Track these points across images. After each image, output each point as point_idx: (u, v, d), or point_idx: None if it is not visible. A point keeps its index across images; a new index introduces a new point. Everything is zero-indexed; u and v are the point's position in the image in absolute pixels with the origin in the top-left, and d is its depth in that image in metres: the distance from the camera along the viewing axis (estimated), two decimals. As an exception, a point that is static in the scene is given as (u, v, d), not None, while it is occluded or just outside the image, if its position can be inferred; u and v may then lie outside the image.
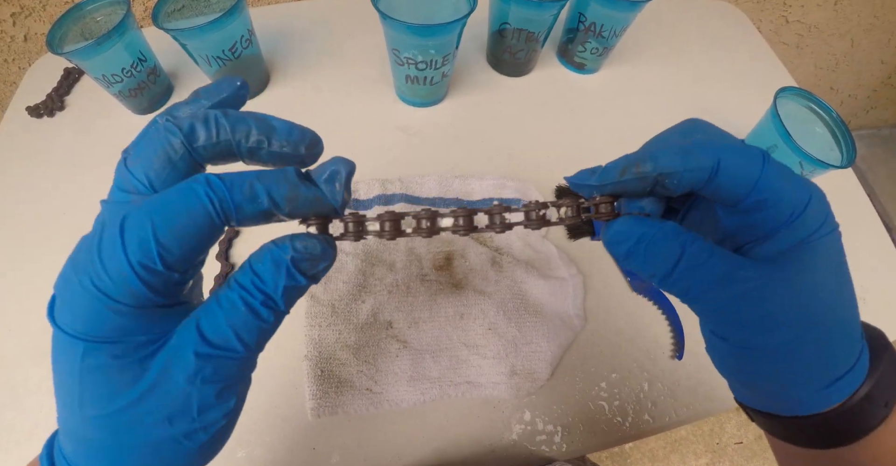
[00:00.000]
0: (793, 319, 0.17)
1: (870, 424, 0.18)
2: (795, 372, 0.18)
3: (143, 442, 0.16)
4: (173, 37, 0.43)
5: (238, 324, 0.16)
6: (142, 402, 0.15)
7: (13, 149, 0.51)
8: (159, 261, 0.14)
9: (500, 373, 0.35)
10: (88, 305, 0.15)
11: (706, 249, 0.17)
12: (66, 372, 0.16)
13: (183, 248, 0.15)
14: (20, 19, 0.64)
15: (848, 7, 0.90)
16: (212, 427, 0.16)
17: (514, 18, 0.48)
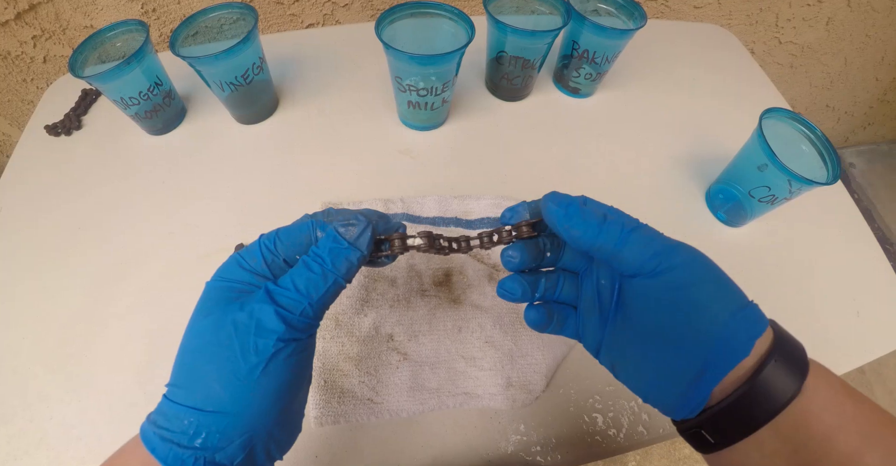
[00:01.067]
0: (682, 251, 0.22)
1: (800, 372, 0.20)
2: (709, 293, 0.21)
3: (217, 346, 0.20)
4: (189, 63, 0.45)
5: (296, 274, 0.22)
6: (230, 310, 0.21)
7: (32, 165, 0.53)
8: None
9: (497, 385, 0.37)
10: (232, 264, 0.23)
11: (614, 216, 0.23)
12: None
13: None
14: (40, 42, 0.67)
15: (840, 27, 0.92)
16: (263, 352, 0.20)
17: (510, 47, 0.50)
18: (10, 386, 0.39)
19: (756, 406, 0.20)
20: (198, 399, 0.20)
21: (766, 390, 0.20)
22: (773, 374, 0.20)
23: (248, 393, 0.20)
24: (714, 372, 0.20)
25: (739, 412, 0.20)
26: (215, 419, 0.19)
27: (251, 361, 0.20)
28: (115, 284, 0.44)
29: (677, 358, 0.21)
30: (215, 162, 0.52)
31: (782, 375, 0.20)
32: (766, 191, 0.44)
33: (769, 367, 0.20)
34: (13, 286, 0.44)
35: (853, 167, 1.34)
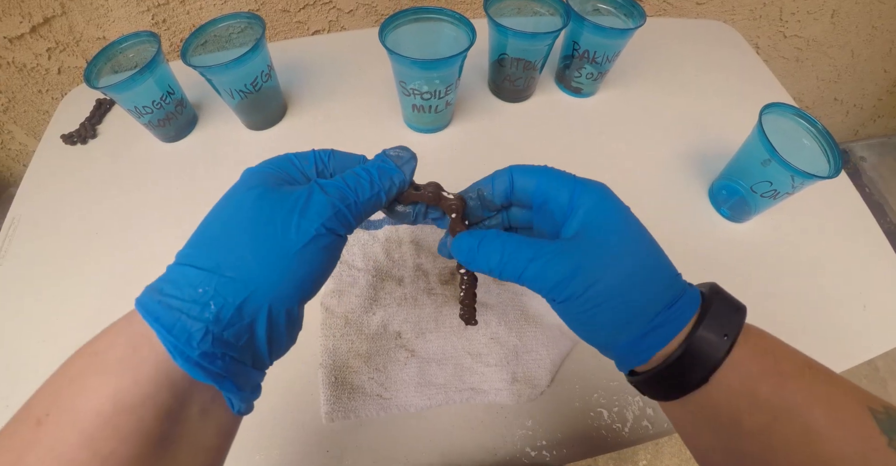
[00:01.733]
0: (589, 272, 0.21)
1: (710, 362, 0.21)
2: (607, 319, 0.22)
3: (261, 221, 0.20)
4: (200, 73, 0.47)
5: (346, 176, 0.23)
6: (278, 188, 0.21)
7: (49, 174, 0.55)
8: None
9: (502, 380, 0.38)
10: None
11: (517, 240, 0.23)
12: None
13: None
14: (55, 54, 0.69)
15: (845, 19, 0.91)
16: (304, 235, 0.20)
17: (511, 49, 0.51)
18: (29, 387, 0.40)
19: (658, 391, 0.23)
20: (220, 261, 0.18)
21: (672, 375, 0.21)
22: (686, 360, 0.21)
23: (279, 267, 0.19)
24: (622, 365, 0.24)
25: (654, 384, 0.22)
26: (234, 287, 0.18)
27: (290, 238, 0.19)
28: (129, 289, 0.44)
29: (600, 346, 0.24)
30: (227, 167, 0.54)
31: (699, 356, 0.21)
32: (768, 186, 0.44)
33: (681, 357, 0.21)
34: (31, 291, 0.46)
35: (864, 160, 1.33)
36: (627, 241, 0.22)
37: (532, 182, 0.25)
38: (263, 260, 0.19)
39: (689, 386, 0.21)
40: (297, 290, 0.20)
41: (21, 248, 0.49)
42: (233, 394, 0.19)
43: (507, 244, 0.23)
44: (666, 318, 0.21)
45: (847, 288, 0.46)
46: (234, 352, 0.18)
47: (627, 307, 0.21)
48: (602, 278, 0.21)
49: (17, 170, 0.89)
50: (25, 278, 0.47)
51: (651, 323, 0.21)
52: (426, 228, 0.44)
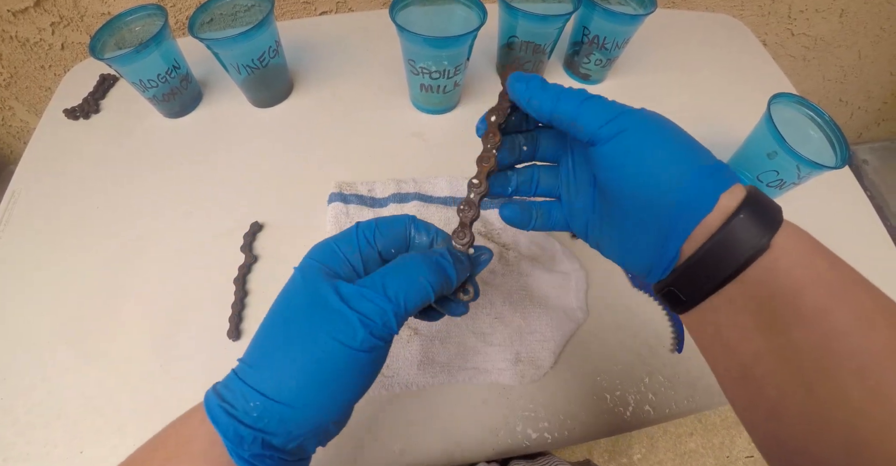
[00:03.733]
0: (642, 112, 0.22)
1: (769, 230, 0.20)
2: (674, 151, 0.21)
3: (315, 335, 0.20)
4: (207, 46, 0.46)
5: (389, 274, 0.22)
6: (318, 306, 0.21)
7: (51, 148, 0.55)
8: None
9: (506, 360, 0.37)
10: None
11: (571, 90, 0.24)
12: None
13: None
14: (59, 29, 0.69)
15: (853, 19, 0.91)
16: (365, 343, 0.20)
17: (521, 32, 0.51)
18: (30, 359, 0.40)
19: (722, 261, 0.20)
20: (267, 386, 0.19)
21: (731, 244, 0.20)
22: (740, 229, 0.20)
23: (317, 393, 0.19)
24: (680, 229, 0.21)
25: (706, 267, 0.20)
26: (280, 409, 0.19)
27: (324, 366, 0.19)
28: (131, 262, 0.45)
29: (647, 222, 0.22)
30: (231, 144, 0.53)
31: (750, 230, 0.20)
32: (774, 176, 0.44)
33: (735, 222, 0.20)
34: (34, 264, 0.46)
35: (866, 164, 1.33)
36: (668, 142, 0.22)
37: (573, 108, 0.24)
38: (304, 387, 0.19)
39: (748, 257, 0.19)
40: (339, 408, 0.21)
41: (21, 222, 0.49)
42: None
43: (562, 88, 0.24)
44: (722, 167, 0.21)
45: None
46: (282, 455, 0.20)
47: (689, 148, 0.22)
48: (658, 119, 0.22)
49: (17, 147, 0.88)
50: (25, 251, 0.46)
51: (713, 167, 0.21)
52: (431, 207, 0.44)
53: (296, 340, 0.20)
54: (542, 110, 0.23)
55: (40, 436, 0.37)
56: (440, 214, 0.43)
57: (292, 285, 0.22)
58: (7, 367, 0.40)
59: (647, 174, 0.21)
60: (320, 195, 0.47)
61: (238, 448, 0.19)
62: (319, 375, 0.19)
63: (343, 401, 0.20)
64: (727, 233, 0.20)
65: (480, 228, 0.43)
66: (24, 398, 0.39)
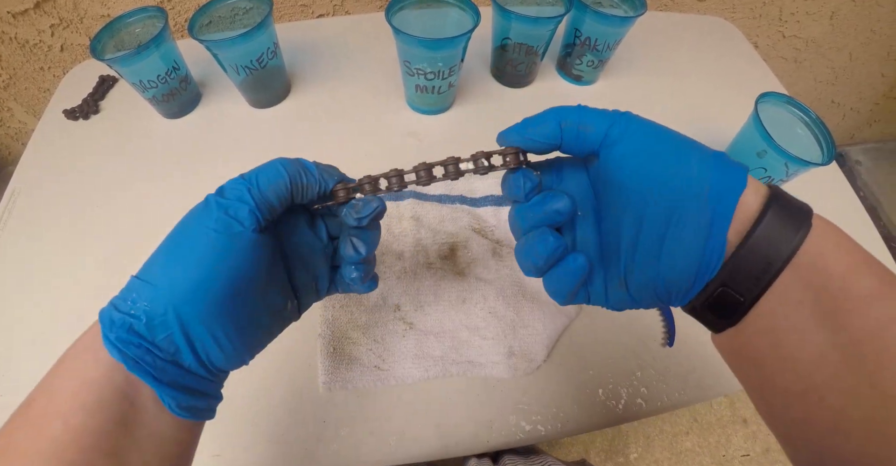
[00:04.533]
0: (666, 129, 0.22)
1: (805, 208, 0.20)
2: (689, 147, 0.21)
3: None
4: (207, 47, 0.47)
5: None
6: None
7: (50, 148, 0.55)
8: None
9: (499, 354, 0.38)
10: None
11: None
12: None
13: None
14: (58, 30, 0.69)
15: (844, 22, 0.92)
16: (220, 221, 0.21)
17: (514, 34, 0.52)
18: (29, 357, 0.41)
19: (774, 243, 0.19)
20: (145, 273, 0.21)
21: (777, 229, 0.19)
22: (781, 214, 0.19)
23: (176, 270, 0.20)
24: (721, 211, 0.19)
25: (759, 253, 0.19)
26: (150, 291, 0.20)
27: (188, 245, 0.21)
28: (130, 262, 0.45)
29: (682, 217, 0.20)
30: (229, 144, 0.54)
31: (789, 216, 0.19)
32: (762, 173, 0.45)
33: (774, 207, 0.19)
34: (33, 264, 0.46)
35: (859, 164, 1.34)
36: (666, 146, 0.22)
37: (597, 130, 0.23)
38: (167, 266, 0.21)
39: (795, 237, 0.19)
40: (204, 292, 0.20)
41: (20, 221, 0.49)
42: (157, 388, 0.20)
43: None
44: (722, 155, 0.21)
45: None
46: (156, 349, 0.20)
47: (689, 138, 0.22)
48: (651, 126, 0.22)
49: (15, 148, 0.88)
50: (24, 251, 0.47)
51: (720, 152, 0.21)
52: (427, 204, 0.45)
53: (174, 233, 0.22)
54: (548, 134, 0.23)
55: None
56: (435, 212, 0.44)
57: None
58: (6, 364, 0.41)
59: (671, 164, 0.21)
60: (317, 193, 0.48)
61: (108, 330, 0.20)
62: (181, 252, 0.21)
63: (208, 287, 0.20)
64: (772, 212, 0.19)
65: (474, 224, 0.44)
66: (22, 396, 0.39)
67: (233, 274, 0.21)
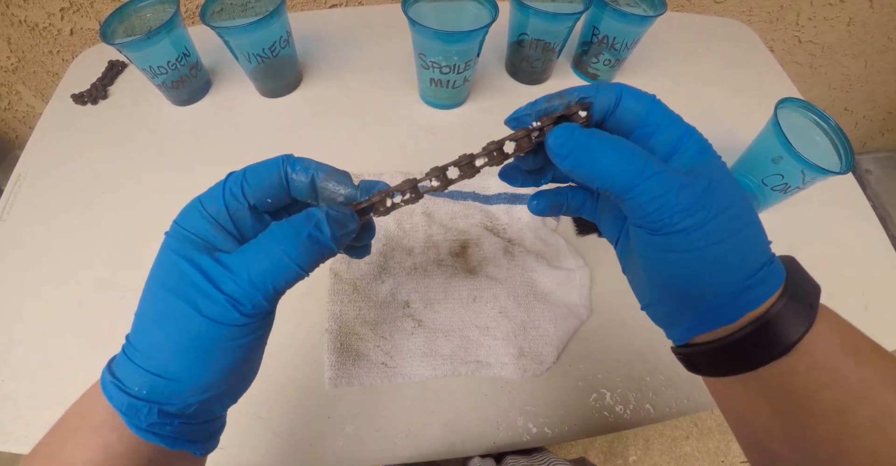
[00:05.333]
0: (707, 205, 0.19)
1: (795, 332, 0.19)
2: (716, 261, 0.19)
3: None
4: (219, 34, 0.46)
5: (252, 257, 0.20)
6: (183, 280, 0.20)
7: (57, 132, 0.55)
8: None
9: (509, 354, 0.37)
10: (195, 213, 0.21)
11: (635, 147, 0.20)
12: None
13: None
14: (68, 14, 0.68)
15: (861, 28, 0.91)
16: (212, 336, 0.19)
17: (532, 29, 0.51)
18: (32, 344, 0.40)
19: (739, 357, 0.20)
20: (151, 364, 0.19)
21: (754, 344, 0.19)
22: (770, 330, 0.19)
23: (199, 367, 0.19)
24: (710, 320, 0.20)
25: (726, 355, 0.20)
26: (167, 384, 0.19)
27: (201, 342, 0.19)
28: (136, 249, 0.45)
29: (679, 299, 0.21)
30: (238, 132, 0.53)
31: (781, 329, 0.19)
32: (779, 180, 0.44)
33: (770, 320, 0.19)
34: (38, 249, 0.46)
35: (869, 173, 1.33)
36: (737, 186, 0.20)
37: (643, 108, 0.21)
38: (183, 364, 0.19)
39: (767, 357, 0.19)
40: (225, 379, 0.20)
41: (26, 206, 0.49)
42: (190, 447, 0.21)
43: (621, 147, 0.20)
44: (768, 274, 0.19)
45: (850, 288, 0.46)
46: (182, 419, 0.20)
47: (739, 252, 0.19)
48: (726, 211, 0.19)
49: (22, 132, 0.88)
50: (30, 236, 0.46)
51: (756, 277, 0.19)
52: (438, 201, 0.44)
53: (170, 318, 0.19)
54: (586, 183, 0.21)
55: (40, 420, 0.37)
56: (447, 208, 0.43)
57: (161, 258, 0.21)
58: (8, 351, 0.40)
59: (697, 275, 0.19)
60: (327, 186, 0.47)
61: (134, 419, 0.19)
62: (197, 350, 0.19)
63: (231, 371, 0.20)
64: (756, 330, 0.19)
65: (486, 222, 0.43)
66: (25, 382, 0.39)
67: (251, 348, 0.21)
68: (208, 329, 0.19)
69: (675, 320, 0.22)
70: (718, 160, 0.21)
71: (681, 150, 0.21)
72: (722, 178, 0.20)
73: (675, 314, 0.21)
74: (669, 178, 0.19)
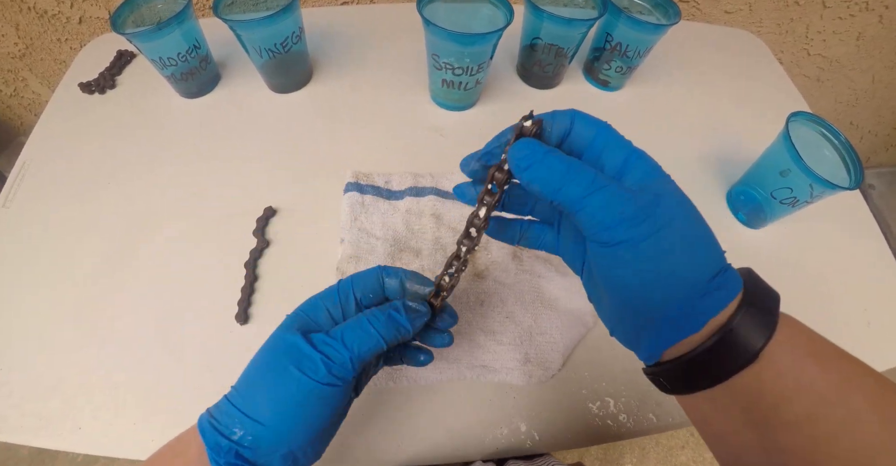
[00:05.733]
0: (653, 216, 0.20)
1: (759, 338, 0.19)
2: (669, 271, 0.20)
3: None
4: (231, 27, 0.46)
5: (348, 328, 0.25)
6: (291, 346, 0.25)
7: (64, 121, 0.54)
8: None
9: (515, 359, 0.37)
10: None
11: (583, 164, 0.21)
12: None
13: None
14: (77, 2, 0.68)
15: (870, 43, 0.91)
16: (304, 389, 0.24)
17: (545, 34, 0.51)
18: (31, 333, 0.40)
19: (707, 369, 0.20)
20: (248, 408, 0.24)
21: (725, 350, 0.19)
22: (732, 339, 0.19)
23: (286, 414, 0.23)
24: (666, 337, 0.21)
25: (691, 370, 0.20)
26: (255, 426, 0.23)
27: (293, 394, 0.23)
28: (139, 240, 0.44)
29: (638, 318, 0.21)
30: (246, 127, 0.53)
31: (744, 337, 0.19)
32: (788, 193, 0.44)
33: (729, 332, 0.19)
34: (41, 237, 0.45)
35: (872, 188, 1.33)
36: (686, 201, 0.21)
37: (592, 132, 0.22)
38: (275, 412, 0.23)
39: (735, 366, 0.19)
40: (307, 432, 0.24)
41: (30, 194, 0.48)
42: None
43: (574, 163, 0.21)
44: (724, 281, 0.20)
45: (853, 303, 0.46)
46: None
47: (692, 260, 0.20)
48: (674, 222, 0.20)
49: (28, 119, 0.87)
50: (33, 224, 0.46)
51: (711, 284, 0.20)
52: (448, 202, 0.44)
53: (273, 373, 0.24)
54: (541, 195, 0.22)
55: (36, 410, 0.37)
56: (456, 210, 0.43)
57: (278, 333, 0.26)
58: (6, 340, 0.40)
59: (653, 285, 0.20)
60: (334, 183, 0.47)
61: (216, 455, 0.23)
62: (288, 399, 0.23)
63: (309, 426, 0.24)
64: (720, 341, 0.20)
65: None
66: (21, 371, 0.38)
67: (332, 413, 0.25)
68: (298, 383, 0.23)
69: (639, 337, 0.22)
70: (668, 178, 0.22)
71: (630, 170, 0.21)
72: (671, 194, 0.21)
73: (639, 330, 0.22)
74: (615, 191, 0.20)
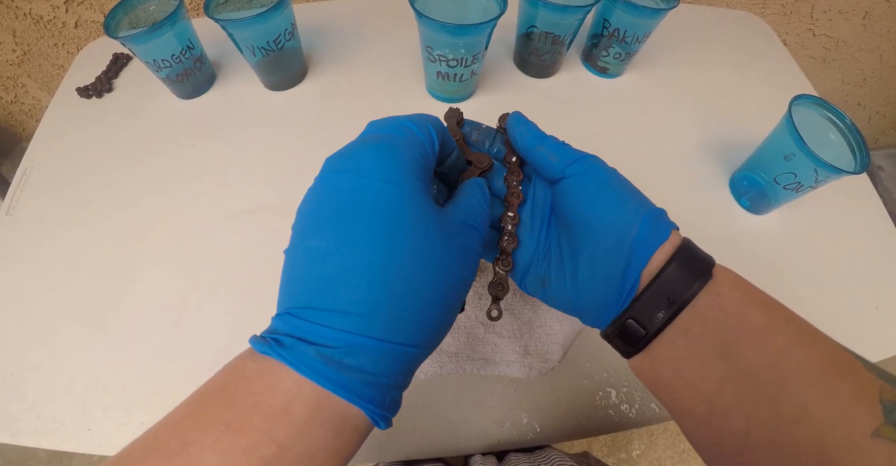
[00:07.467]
0: (590, 161, 0.26)
1: (708, 257, 0.23)
2: (616, 199, 0.24)
3: None
4: (223, 26, 0.46)
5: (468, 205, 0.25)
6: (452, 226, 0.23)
7: (63, 126, 0.55)
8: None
9: (515, 352, 0.37)
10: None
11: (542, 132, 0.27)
12: None
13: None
14: (72, 6, 0.68)
15: (877, 22, 0.89)
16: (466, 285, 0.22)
17: (541, 22, 0.50)
18: (40, 334, 0.41)
19: (673, 290, 0.21)
20: (400, 331, 0.18)
21: (678, 276, 0.22)
22: (683, 265, 0.22)
23: (443, 326, 0.21)
24: (640, 254, 0.22)
25: (665, 291, 0.22)
26: (413, 353, 0.19)
27: (456, 298, 0.21)
28: (141, 241, 0.45)
29: (608, 251, 0.23)
30: (243, 126, 0.53)
31: (690, 266, 0.22)
32: (792, 178, 0.43)
33: (678, 260, 0.22)
34: (45, 240, 0.46)
35: (881, 170, 1.31)
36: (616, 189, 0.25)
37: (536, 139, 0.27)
38: (441, 324, 0.21)
39: (696, 283, 0.21)
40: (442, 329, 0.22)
41: (33, 198, 0.49)
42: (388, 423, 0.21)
43: (535, 129, 0.28)
44: (663, 212, 0.24)
45: (860, 288, 0.45)
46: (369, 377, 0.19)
47: (634, 194, 0.25)
48: (604, 168, 0.25)
49: (29, 125, 0.88)
50: (37, 228, 0.47)
51: (654, 210, 0.24)
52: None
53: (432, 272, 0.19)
54: (527, 146, 0.27)
55: (48, 412, 0.37)
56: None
57: (392, 202, 0.19)
58: (17, 342, 0.40)
59: (611, 205, 0.24)
60: (332, 181, 0.47)
61: (387, 412, 0.19)
62: (451, 309, 0.21)
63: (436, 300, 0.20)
64: (676, 263, 0.22)
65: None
66: (33, 373, 0.39)
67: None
68: (474, 266, 0.22)
69: (615, 269, 0.23)
70: (599, 158, 0.26)
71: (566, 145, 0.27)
72: (599, 159, 0.26)
73: (614, 263, 0.23)
74: (561, 143, 0.27)
